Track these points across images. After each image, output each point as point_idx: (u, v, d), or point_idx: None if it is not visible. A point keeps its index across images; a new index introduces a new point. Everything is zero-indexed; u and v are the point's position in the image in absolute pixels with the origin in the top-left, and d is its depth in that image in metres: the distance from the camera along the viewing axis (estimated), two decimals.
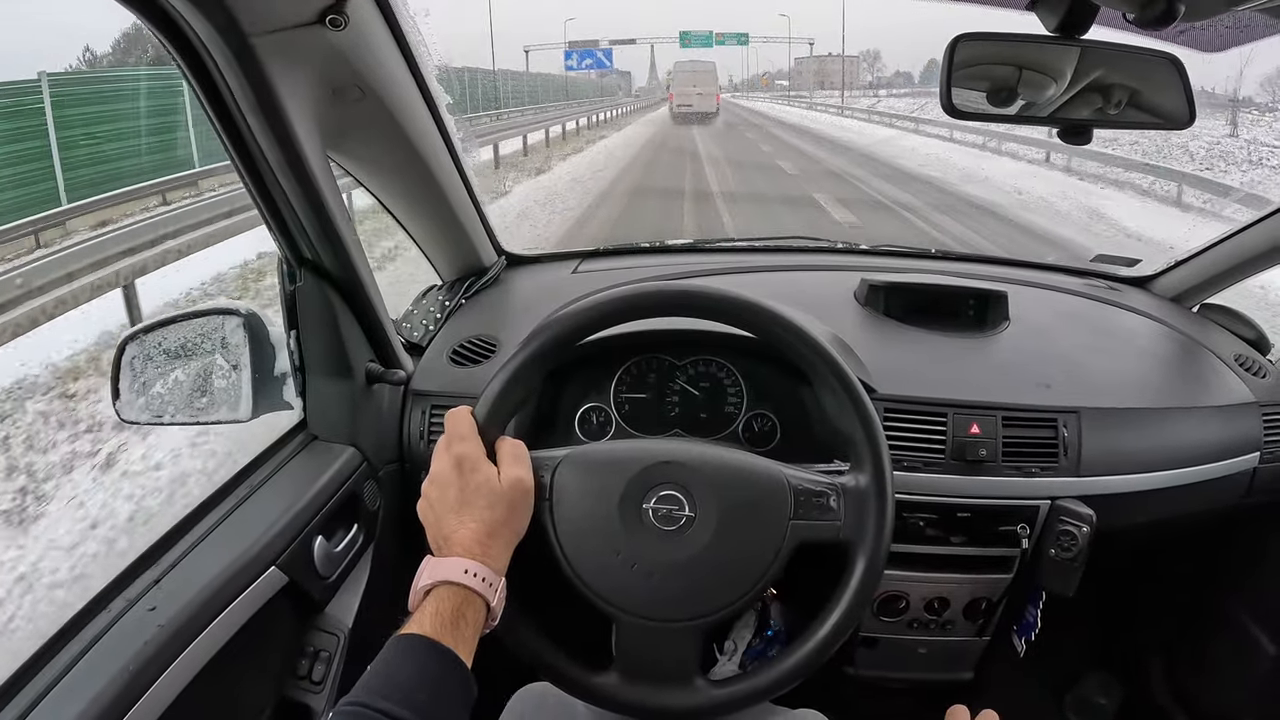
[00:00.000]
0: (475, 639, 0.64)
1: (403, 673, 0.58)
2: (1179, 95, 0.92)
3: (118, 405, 0.91)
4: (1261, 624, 1.27)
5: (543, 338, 0.77)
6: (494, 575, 0.66)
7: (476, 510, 0.68)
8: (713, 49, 33.49)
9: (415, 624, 0.61)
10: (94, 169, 7.43)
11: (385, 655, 0.60)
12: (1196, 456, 1.10)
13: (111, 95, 7.82)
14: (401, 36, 0.86)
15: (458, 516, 0.67)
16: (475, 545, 0.66)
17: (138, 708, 0.64)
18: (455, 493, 0.68)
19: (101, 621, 0.69)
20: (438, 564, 0.65)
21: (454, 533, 0.67)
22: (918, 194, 9.59)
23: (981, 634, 1.17)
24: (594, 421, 1.06)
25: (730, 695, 0.74)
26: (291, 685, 0.87)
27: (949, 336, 1.19)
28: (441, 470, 0.70)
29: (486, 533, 0.67)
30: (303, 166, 0.79)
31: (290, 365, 0.94)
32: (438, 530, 0.68)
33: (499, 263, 1.33)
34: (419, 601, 0.64)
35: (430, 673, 0.59)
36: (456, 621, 0.62)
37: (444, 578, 0.64)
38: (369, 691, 0.57)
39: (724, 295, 0.79)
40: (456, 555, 0.65)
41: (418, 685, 0.57)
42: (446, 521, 0.68)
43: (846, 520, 0.75)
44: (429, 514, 0.70)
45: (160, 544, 0.79)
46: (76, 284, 4.32)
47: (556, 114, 20.28)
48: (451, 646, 0.60)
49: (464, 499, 0.68)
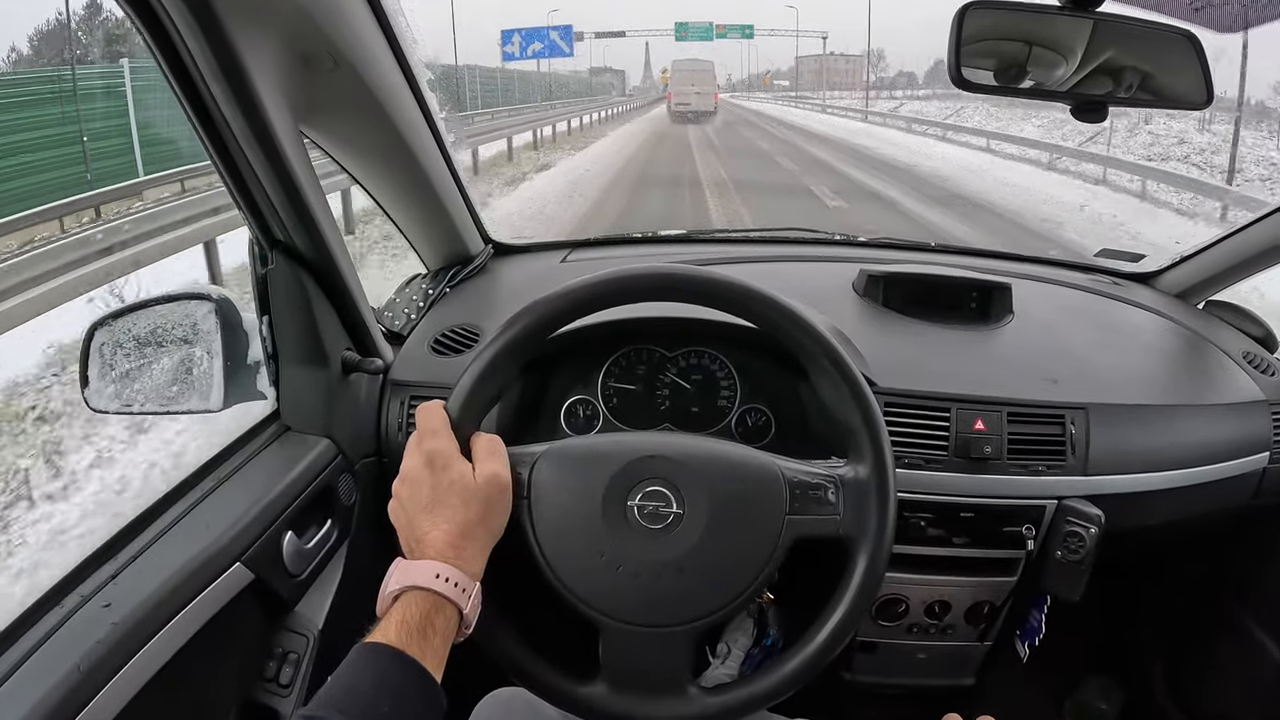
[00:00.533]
0: (445, 648, 0.60)
1: (364, 684, 0.55)
2: (1196, 75, 0.88)
3: (86, 393, 0.88)
4: (1267, 629, 1.24)
5: (518, 325, 0.72)
6: (468, 580, 0.62)
7: (450, 510, 0.64)
8: (712, 43, 32.25)
9: (380, 632, 0.58)
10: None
11: (347, 665, 0.56)
12: (1206, 455, 1.07)
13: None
14: (377, 3, 0.82)
15: (430, 517, 0.63)
16: (448, 548, 0.62)
17: (88, 710, 0.60)
18: (427, 491, 0.64)
19: (53, 619, 0.65)
20: (408, 567, 0.61)
21: (426, 534, 0.63)
22: None
23: (983, 639, 1.14)
24: (581, 415, 1.02)
25: (724, 704, 0.69)
26: (258, 688, 0.84)
27: (951, 329, 1.15)
28: (413, 468, 0.66)
29: (460, 534, 0.63)
30: (271, 140, 0.75)
31: (263, 353, 0.90)
32: (410, 532, 0.64)
33: (485, 251, 1.29)
34: (387, 607, 0.60)
35: (392, 684, 0.55)
36: (424, 630, 0.58)
37: (413, 582, 0.60)
38: (326, 705, 0.53)
39: (709, 277, 0.74)
40: (429, 558, 0.61)
41: (380, 697, 0.54)
42: (418, 522, 0.64)
43: (846, 514, 0.70)
44: (400, 515, 0.66)
45: (119, 537, 0.75)
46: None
47: (529, 118, 17.60)
48: (418, 657, 0.57)
49: (436, 498, 0.64)
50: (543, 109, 22.65)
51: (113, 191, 7.00)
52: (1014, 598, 1.08)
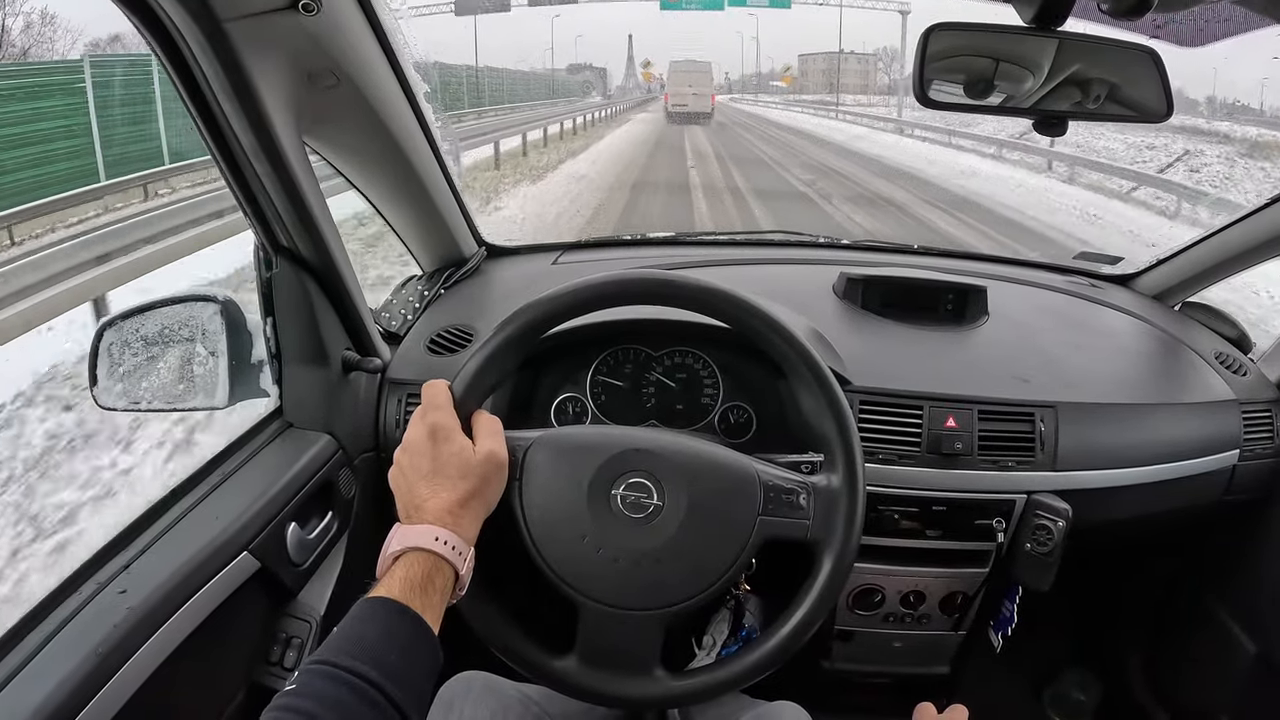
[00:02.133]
0: (443, 606, 0.64)
1: (371, 634, 0.57)
2: (1156, 88, 0.91)
3: (95, 392, 0.91)
4: (1240, 621, 1.27)
5: (521, 320, 0.77)
6: (463, 544, 0.65)
7: (448, 479, 0.67)
8: (724, 10, 26.46)
9: (384, 588, 0.60)
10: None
11: (353, 617, 0.59)
12: (1175, 453, 1.11)
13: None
14: (377, 23, 0.86)
15: (429, 485, 0.67)
16: (446, 514, 0.66)
17: (106, 690, 0.64)
18: (428, 461, 0.68)
19: (72, 604, 0.69)
20: (408, 530, 0.65)
21: (425, 501, 0.66)
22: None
23: (958, 628, 1.17)
24: (570, 411, 1.06)
25: (688, 688, 0.74)
26: (263, 671, 0.87)
27: (926, 330, 1.19)
28: (416, 438, 0.70)
29: (458, 502, 0.67)
30: (277, 152, 0.79)
31: (266, 352, 0.94)
32: (409, 497, 0.68)
33: (479, 253, 1.33)
34: (388, 567, 0.63)
35: (400, 636, 0.58)
36: (425, 587, 0.61)
37: (414, 544, 0.63)
38: (336, 651, 0.55)
39: (701, 285, 0.79)
40: (427, 523, 0.65)
41: (387, 647, 0.57)
42: (418, 489, 0.67)
43: (815, 520, 0.75)
44: (400, 481, 0.69)
45: (133, 528, 0.79)
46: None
47: (492, 123, 15.56)
48: (420, 612, 0.60)
49: (436, 468, 0.68)
50: (506, 112, 21.01)
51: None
52: (986, 588, 1.12)
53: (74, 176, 7.24)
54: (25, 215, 6.43)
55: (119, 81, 7.76)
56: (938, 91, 0.85)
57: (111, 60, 8.13)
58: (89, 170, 7.47)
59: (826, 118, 28.52)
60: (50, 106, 7.30)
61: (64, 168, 7.31)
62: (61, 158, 7.36)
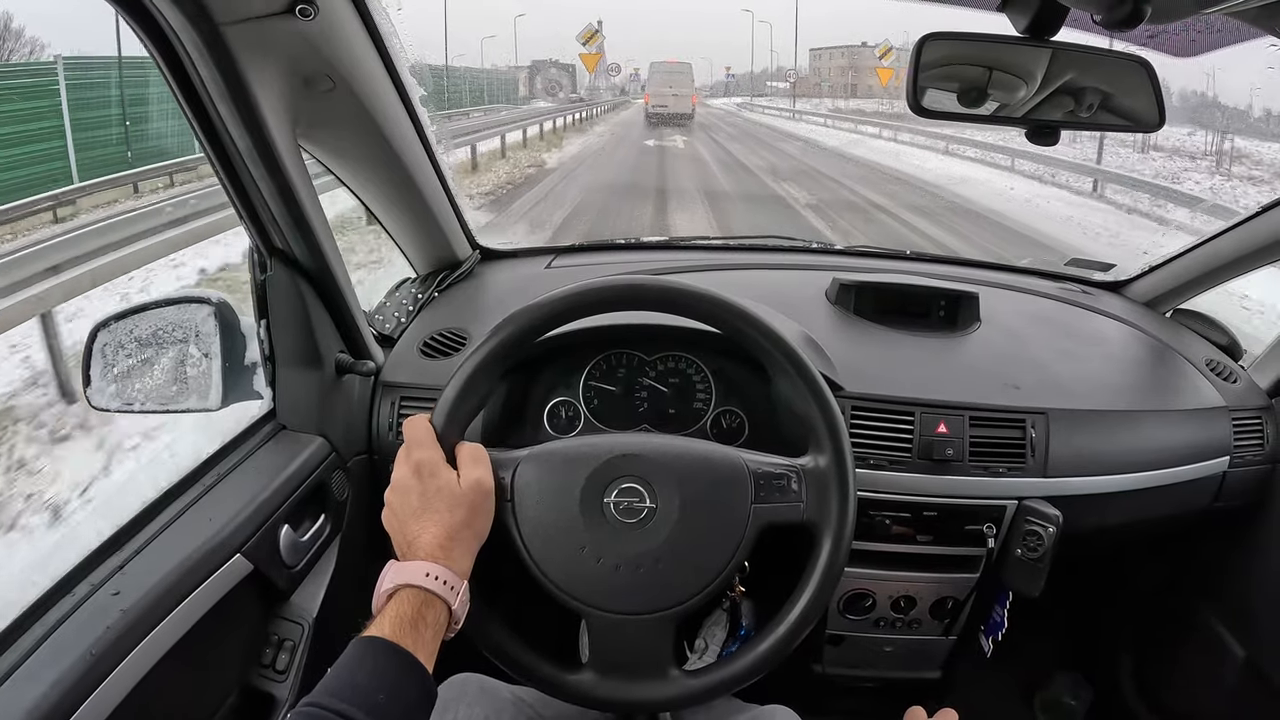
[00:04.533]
0: (436, 641, 0.65)
1: (360, 674, 0.59)
2: (1149, 98, 0.92)
3: (89, 392, 0.91)
4: (1230, 626, 1.28)
5: (498, 338, 0.77)
6: (455, 578, 0.67)
7: (437, 514, 0.69)
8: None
9: (376, 627, 0.62)
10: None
11: (345, 658, 0.61)
12: (1165, 460, 1.11)
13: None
14: (374, 27, 0.86)
15: (419, 521, 0.69)
16: (437, 549, 0.67)
17: (100, 691, 0.64)
18: (416, 498, 0.70)
19: (65, 605, 0.69)
20: (400, 568, 0.66)
21: (417, 537, 0.68)
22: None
23: (948, 633, 1.18)
24: (563, 416, 1.06)
25: (705, 684, 0.74)
26: (255, 673, 0.87)
27: (918, 336, 1.20)
28: (402, 477, 0.71)
29: (448, 536, 0.68)
30: (273, 155, 0.79)
31: (260, 355, 0.94)
32: (401, 536, 0.69)
33: (473, 256, 1.33)
34: (382, 605, 0.65)
35: (389, 675, 0.60)
36: (417, 624, 0.63)
37: (406, 581, 0.65)
38: (327, 693, 0.57)
39: (671, 286, 0.80)
40: (419, 559, 0.66)
41: (376, 686, 0.58)
42: (409, 527, 0.69)
43: (809, 501, 0.76)
44: (392, 520, 0.71)
45: (126, 530, 0.79)
46: None
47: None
48: (411, 649, 0.61)
49: (425, 504, 0.69)
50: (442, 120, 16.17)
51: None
52: (977, 593, 1.12)
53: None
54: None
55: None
56: (931, 100, 0.85)
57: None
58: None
59: (831, 128, 22.52)
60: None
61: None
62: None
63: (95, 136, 7.54)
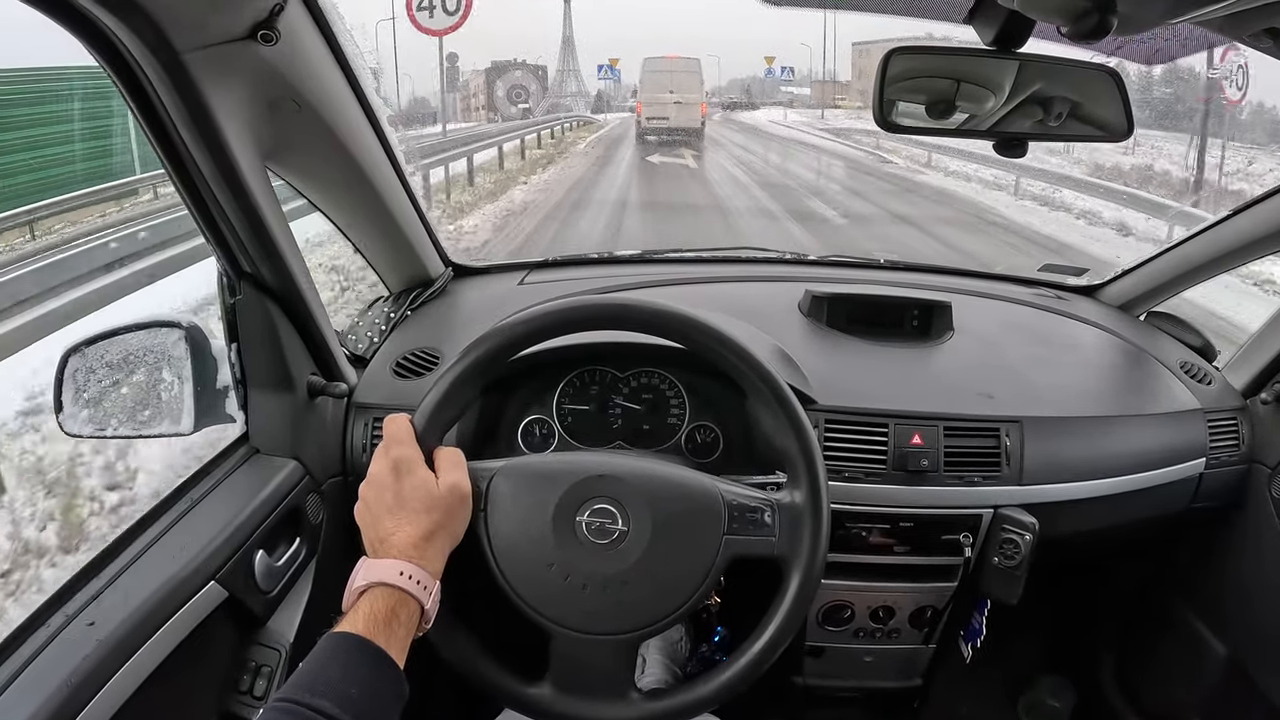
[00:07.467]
0: (408, 640, 0.64)
1: (333, 668, 0.58)
2: (1117, 107, 0.93)
3: (61, 418, 0.90)
4: (1210, 624, 1.29)
5: (478, 351, 0.77)
6: (429, 578, 0.66)
7: (413, 513, 0.68)
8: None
9: (348, 623, 0.62)
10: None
11: (317, 653, 0.60)
12: (1141, 464, 1.12)
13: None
14: (338, 49, 0.86)
15: (394, 519, 0.68)
16: (411, 548, 0.66)
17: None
18: (392, 495, 0.69)
19: (40, 637, 0.69)
20: (373, 565, 0.66)
21: (390, 535, 0.67)
22: None
23: (928, 641, 1.18)
24: (537, 434, 1.06)
25: (664, 708, 0.74)
26: (233, 700, 0.87)
27: (892, 347, 1.20)
28: (379, 473, 0.70)
29: (422, 536, 0.67)
30: (239, 180, 0.79)
31: (231, 378, 0.94)
32: (374, 532, 0.68)
33: (445, 274, 1.32)
34: (353, 602, 0.64)
35: (361, 671, 0.59)
36: (390, 622, 0.62)
37: (379, 579, 0.64)
38: (299, 688, 0.57)
39: (660, 309, 0.79)
40: (392, 557, 0.66)
41: (349, 681, 0.58)
42: (382, 523, 0.68)
43: (781, 537, 0.75)
44: (365, 515, 0.70)
45: (100, 559, 0.79)
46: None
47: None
48: (384, 646, 0.61)
49: (400, 502, 0.68)
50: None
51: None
52: (955, 602, 1.13)
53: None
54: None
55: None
56: (899, 115, 0.85)
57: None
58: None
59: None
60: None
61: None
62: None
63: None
